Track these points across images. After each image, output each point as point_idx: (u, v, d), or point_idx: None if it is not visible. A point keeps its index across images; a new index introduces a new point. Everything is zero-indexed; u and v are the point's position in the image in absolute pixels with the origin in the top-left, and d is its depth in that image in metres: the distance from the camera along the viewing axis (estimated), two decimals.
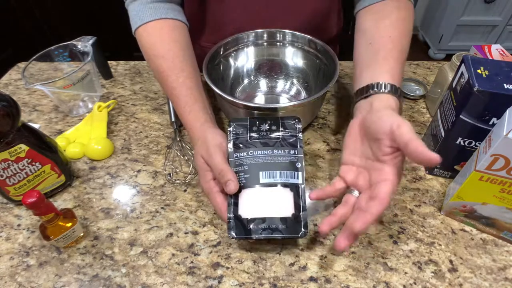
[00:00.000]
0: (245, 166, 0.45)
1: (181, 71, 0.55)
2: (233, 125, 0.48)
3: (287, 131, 0.47)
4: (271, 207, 0.43)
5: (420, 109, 0.68)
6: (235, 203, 0.43)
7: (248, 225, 0.42)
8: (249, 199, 0.43)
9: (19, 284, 0.44)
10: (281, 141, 0.47)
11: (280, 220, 0.42)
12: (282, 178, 0.44)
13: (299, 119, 0.48)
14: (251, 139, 0.47)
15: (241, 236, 0.42)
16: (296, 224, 0.42)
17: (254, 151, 0.46)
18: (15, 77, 0.80)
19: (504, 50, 0.63)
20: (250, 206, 0.43)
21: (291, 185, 0.44)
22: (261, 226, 0.42)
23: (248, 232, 0.42)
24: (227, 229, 0.42)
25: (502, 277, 0.43)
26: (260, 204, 0.43)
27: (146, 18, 0.58)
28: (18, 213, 0.52)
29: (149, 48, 0.57)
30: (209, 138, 0.46)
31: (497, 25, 2.09)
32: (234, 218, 0.43)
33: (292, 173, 0.45)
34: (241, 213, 0.43)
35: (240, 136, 0.48)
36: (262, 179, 0.44)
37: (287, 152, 0.46)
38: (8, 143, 0.45)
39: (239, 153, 0.46)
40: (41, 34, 1.90)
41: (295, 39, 0.67)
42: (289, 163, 0.45)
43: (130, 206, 0.52)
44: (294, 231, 0.42)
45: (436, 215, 0.50)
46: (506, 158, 0.38)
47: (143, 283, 0.43)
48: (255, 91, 0.70)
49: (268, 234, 0.42)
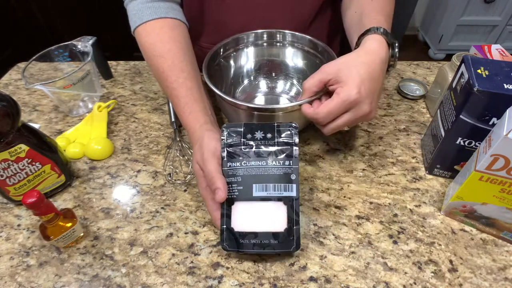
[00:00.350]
0: (238, 177, 0.44)
1: (181, 72, 0.54)
2: (227, 131, 0.46)
3: (283, 140, 0.45)
4: (264, 222, 0.43)
5: (420, 109, 0.68)
6: (228, 215, 0.43)
7: (240, 239, 0.43)
8: (242, 212, 0.43)
9: (19, 284, 0.44)
10: (276, 151, 0.45)
11: (272, 235, 0.43)
12: (276, 192, 0.43)
13: (295, 127, 0.46)
14: (245, 148, 0.45)
15: (233, 249, 0.43)
16: (288, 239, 0.43)
17: (248, 161, 0.44)
18: (15, 77, 0.80)
19: (504, 50, 0.63)
20: (242, 220, 0.43)
21: (285, 199, 0.43)
22: (253, 241, 0.43)
23: (240, 246, 0.43)
24: (220, 240, 0.43)
25: (502, 277, 0.43)
26: (252, 219, 0.43)
27: (146, 17, 0.58)
28: (18, 213, 0.52)
29: (149, 48, 0.57)
30: (205, 143, 0.46)
31: (497, 25, 2.09)
32: (226, 230, 0.43)
33: (286, 185, 0.43)
34: (233, 226, 0.43)
35: (234, 144, 0.45)
36: (255, 193, 0.43)
37: (282, 163, 0.44)
38: (8, 143, 0.45)
39: (232, 162, 0.45)
40: (41, 34, 1.90)
41: (295, 40, 0.67)
42: (284, 175, 0.44)
43: (130, 206, 0.52)
44: (286, 246, 0.42)
45: (436, 215, 0.50)
46: (506, 158, 0.38)
47: (143, 283, 0.43)
48: (255, 92, 0.70)
49: (259, 249, 0.42)
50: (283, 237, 0.42)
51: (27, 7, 1.80)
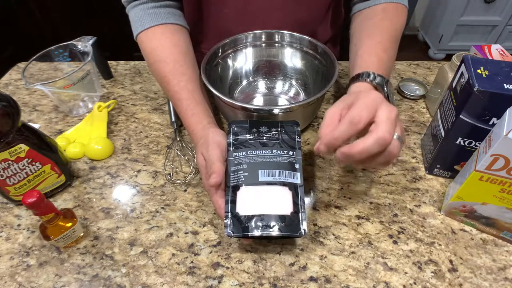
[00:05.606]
0: (244, 165, 0.45)
1: (182, 75, 0.55)
2: (233, 126, 0.49)
3: (286, 133, 0.48)
4: (270, 205, 0.43)
5: (420, 109, 0.68)
6: (232, 201, 0.43)
7: (245, 223, 0.42)
8: (247, 197, 0.43)
9: (19, 284, 0.44)
10: (280, 142, 0.47)
11: (278, 217, 0.42)
12: (281, 177, 0.44)
13: (298, 123, 0.49)
14: (251, 139, 0.47)
15: (238, 234, 0.41)
16: (295, 223, 0.42)
17: (254, 150, 0.46)
18: (15, 77, 0.80)
19: (504, 50, 0.63)
20: (248, 203, 0.43)
21: (290, 185, 0.44)
22: (259, 223, 0.42)
23: (246, 229, 0.41)
24: (224, 227, 0.42)
25: (502, 277, 0.43)
26: (258, 202, 0.43)
27: (147, 24, 0.58)
28: (18, 213, 0.52)
29: (150, 53, 0.58)
30: (210, 137, 0.47)
31: (497, 25, 2.09)
32: (231, 216, 0.42)
33: (291, 173, 0.44)
34: (238, 210, 0.42)
35: (240, 136, 0.48)
36: (261, 178, 0.44)
37: (286, 152, 0.46)
38: (8, 143, 0.45)
39: (238, 152, 0.46)
40: (41, 34, 1.90)
41: (294, 40, 0.67)
42: (288, 163, 0.45)
43: (130, 206, 0.52)
44: (293, 230, 0.41)
45: (436, 215, 0.50)
46: (506, 158, 0.38)
47: (143, 283, 0.43)
48: (253, 92, 0.70)
49: (265, 231, 0.41)
50: (290, 220, 0.42)
51: (27, 7, 1.80)
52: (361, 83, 0.48)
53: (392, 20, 0.57)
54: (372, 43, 0.53)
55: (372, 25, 0.57)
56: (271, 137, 0.47)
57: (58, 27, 1.90)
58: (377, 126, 0.37)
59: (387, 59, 0.52)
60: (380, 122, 0.37)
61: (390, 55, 0.53)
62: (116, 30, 1.89)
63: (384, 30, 0.55)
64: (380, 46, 0.53)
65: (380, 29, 0.55)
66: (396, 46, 0.56)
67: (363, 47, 0.54)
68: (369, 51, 0.52)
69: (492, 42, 2.14)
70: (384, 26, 0.56)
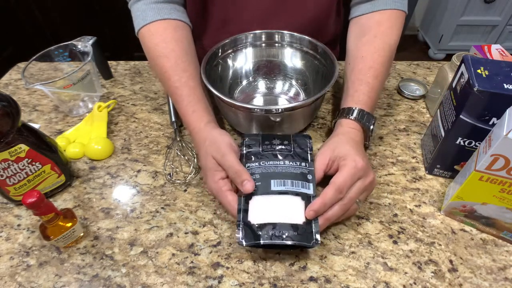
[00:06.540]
0: (256, 175, 0.45)
1: (184, 71, 0.55)
2: (246, 139, 0.50)
3: (298, 146, 0.49)
4: (282, 214, 0.43)
5: (420, 109, 0.68)
6: (245, 210, 0.43)
7: (257, 231, 0.41)
8: (259, 205, 0.43)
9: (19, 284, 0.44)
10: (292, 154, 0.48)
11: (291, 226, 0.41)
12: (293, 187, 0.44)
13: (309, 137, 0.51)
14: (263, 151, 0.48)
15: (250, 243, 0.41)
16: (307, 232, 0.41)
17: (266, 161, 0.47)
18: (15, 77, 0.80)
19: (504, 50, 0.63)
20: (260, 212, 0.43)
21: (303, 195, 0.44)
22: (271, 232, 0.41)
23: (257, 238, 0.41)
24: (236, 236, 0.42)
25: (502, 277, 0.43)
26: (270, 211, 0.43)
27: (150, 18, 0.58)
28: (18, 213, 0.52)
29: (152, 48, 0.57)
30: (219, 139, 0.47)
31: (497, 25, 2.09)
32: (243, 224, 0.42)
33: (303, 183, 0.45)
34: (250, 219, 0.42)
35: (252, 149, 0.49)
36: (273, 187, 0.44)
37: (298, 164, 0.47)
38: (8, 143, 0.45)
39: (250, 163, 0.47)
40: (41, 34, 1.91)
41: (294, 40, 0.67)
42: (300, 174, 0.45)
43: (130, 206, 0.52)
44: (305, 239, 0.41)
45: (436, 215, 0.50)
46: (506, 158, 0.38)
47: (143, 283, 0.43)
48: (253, 93, 0.70)
49: (278, 239, 0.41)
50: (302, 229, 0.41)
51: (27, 7, 1.80)
52: (347, 120, 0.52)
53: (386, 37, 0.57)
54: (364, 68, 0.55)
55: (365, 43, 0.58)
56: (283, 149, 0.48)
57: (58, 27, 1.90)
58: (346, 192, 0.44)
59: (378, 85, 0.55)
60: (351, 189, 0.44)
61: (380, 79, 0.55)
62: (116, 30, 1.89)
63: (376, 52, 0.56)
64: (372, 72, 0.55)
65: (372, 51, 0.56)
66: (389, 65, 0.57)
67: (354, 72, 0.56)
68: (360, 78, 0.55)
69: (492, 42, 2.14)
70: (376, 46, 0.57)
